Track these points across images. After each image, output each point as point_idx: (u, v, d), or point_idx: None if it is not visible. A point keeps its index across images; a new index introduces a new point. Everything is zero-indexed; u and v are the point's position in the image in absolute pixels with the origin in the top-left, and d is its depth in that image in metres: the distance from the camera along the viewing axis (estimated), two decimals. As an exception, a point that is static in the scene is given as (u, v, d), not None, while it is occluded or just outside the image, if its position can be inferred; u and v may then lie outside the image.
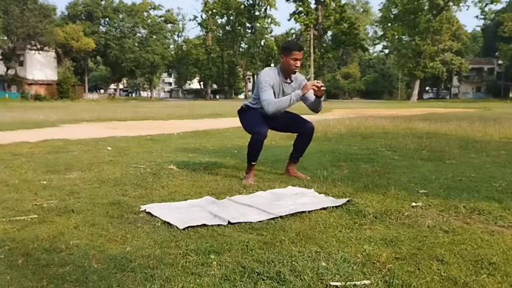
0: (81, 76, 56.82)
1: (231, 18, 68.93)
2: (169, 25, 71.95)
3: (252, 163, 3.79)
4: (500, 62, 65.57)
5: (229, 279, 1.77)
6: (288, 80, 3.79)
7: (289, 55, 3.68)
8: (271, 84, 3.69)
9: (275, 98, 3.70)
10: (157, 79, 79.54)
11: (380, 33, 68.24)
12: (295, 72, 3.78)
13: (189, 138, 7.39)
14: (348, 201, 2.97)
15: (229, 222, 2.51)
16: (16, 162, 4.72)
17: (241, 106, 3.97)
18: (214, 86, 78.82)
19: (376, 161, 4.75)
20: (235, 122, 4.07)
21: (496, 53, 62.57)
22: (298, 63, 3.72)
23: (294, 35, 69.01)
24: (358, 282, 1.74)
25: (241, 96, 78.30)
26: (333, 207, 2.84)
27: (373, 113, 16.90)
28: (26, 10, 42.27)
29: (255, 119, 3.79)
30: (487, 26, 69.71)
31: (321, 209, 2.80)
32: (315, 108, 3.88)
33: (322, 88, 3.67)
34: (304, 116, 4.10)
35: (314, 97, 3.78)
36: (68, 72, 50.67)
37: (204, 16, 70.10)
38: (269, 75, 3.73)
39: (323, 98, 3.83)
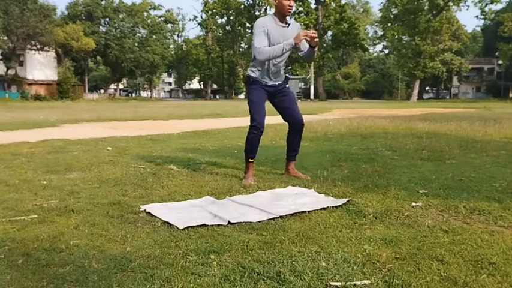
0: (81, 76, 56.82)
1: (231, 18, 68.88)
2: (169, 25, 71.95)
3: (250, 160, 3.80)
4: (500, 62, 65.58)
5: (229, 279, 1.77)
6: (284, 24, 3.74)
7: None
8: (265, 31, 3.64)
9: (274, 43, 3.63)
10: (157, 79, 79.56)
11: (380, 33, 68.27)
12: (289, 14, 3.74)
13: (189, 138, 7.39)
14: (348, 201, 2.97)
15: (229, 222, 2.51)
16: (16, 162, 4.72)
17: (247, 75, 3.90)
18: (214, 86, 78.83)
19: (376, 161, 4.75)
20: (235, 122, 4.07)
21: (496, 53, 62.59)
22: (292, 3, 3.69)
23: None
24: (358, 282, 1.74)
25: (241, 96, 78.27)
26: (333, 207, 2.84)
27: (373, 113, 16.90)
28: (26, 10, 42.26)
29: (258, 103, 3.78)
30: (487, 26, 69.72)
31: (321, 209, 2.80)
32: (308, 58, 3.88)
33: (315, 39, 3.63)
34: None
35: (307, 47, 3.75)
36: (68, 72, 50.67)
37: (204, 16, 70.10)
38: (263, 21, 3.70)
39: (316, 48, 3.80)
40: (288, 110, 3.96)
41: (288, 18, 3.77)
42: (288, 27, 3.75)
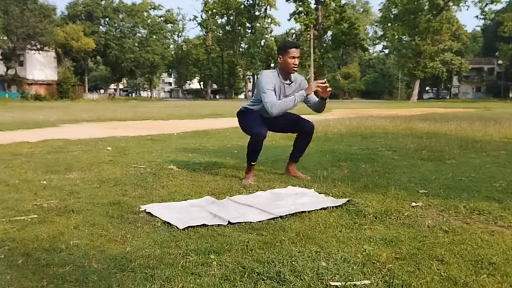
0: (81, 76, 56.82)
1: (231, 18, 68.94)
2: (169, 25, 71.96)
3: (252, 163, 3.78)
4: (500, 62, 65.58)
5: (229, 279, 1.77)
6: (288, 81, 3.76)
7: (287, 54, 3.66)
8: (272, 86, 3.65)
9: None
10: (157, 79, 79.56)
11: (380, 33, 68.29)
12: (294, 72, 3.75)
13: (189, 138, 7.39)
14: (348, 201, 2.97)
15: (229, 222, 2.51)
16: (16, 162, 4.72)
17: (240, 109, 3.92)
18: (214, 86, 78.83)
19: (376, 161, 4.75)
20: (235, 122, 4.06)
21: (496, 53, 62.58)
22: (297, 61, 3.69)
23: (294, 35, 69.07)
24: (358, 282, 1.74)
25: (241, 96, 78.30)
26: (333, 207, 2.84)
27: (373, 113, 16.90)
28: (26, 10, 42.26)
29: (255, 120, 3.76)
30: (487, 26, 69.70)
31: (321, 209, 2.80)
32: (319, 109, 3.86)
33: (328, 89, 3.62)
34: (304, 116, 4.09)
35: (317, 99, 3.75)
36: (68, 72, 50.68)
37: (204, 16, 70.14)
38: (269, 77, 3.69)
39: (327, 100, 3.77)
40: (293, 124, 3.94)
41: (291, 75, 3.77)
42: (290, 84, 3.76)
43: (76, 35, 51.70)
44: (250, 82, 75.91)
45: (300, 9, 56.62)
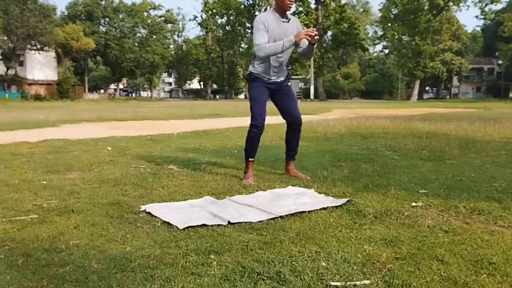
0: (81, 76, 56.82)
1: (231, 18, 68.87)
2: (169, 25, 71.97)
3: (250, 159, 3.81)
4: (500, 62, 65.58)
5: (229, 279, 1.77)
6: (285, 19, 3.75)
7: None
8: (266, 28, 3.63)
9: (275, 39, 3.64)
10: (157, 79, 79.58)
11: (380, 33, 68.24)
12: (289, 9, 3.74)
13: (189, 138, 7.39)
14: (348, 201, 2.97)
15: (229, 222, 2.51)
16: (16, 162, 4.72)
17: (249, 71, 3.89)
18: (214, 86, 78.82)
19: (376, 161, 4.75)
20: (235, 122, 4.07)
21: (496, 53, 62.58)
22: None
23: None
24: (358, 282, 1.74)
25: (241, 96, 78.27)
26: (333, 207, 2.84)
27: (373, 113, 16.90)
28: (26, 10, 42.26)
29: (257, 99, 3.78)
30: (487, 26, 69.71)
31: (321, 209, 2.80)
32: (307, 54, 3.91)
33: (316, 37, 3.65)
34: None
35: (307, 43, 3.75)
36: (68, 72, 50.68)
37: (204, 16, 70.10)
38: (263, 18, 3.70)
39: (316, 45, 3.83)
40: (287, 107, 3.96)
41: (288, 13, 3.78)
42: (288, 22, 3.76)
43: (76, 35, 51.69)
44: (250, 82, 75.65)
45: (300, 9, 56.57)
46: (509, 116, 14.15)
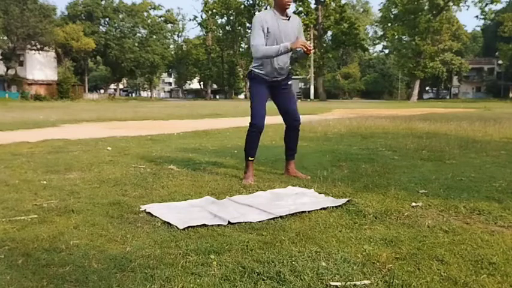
0: (81, 76, 56.81)
1: (231, 18, 68.90)
2: (169, 25, 71.98)
3: (250, 159, 3.81)
4: (500, 62, 65.58)
5: (229, 279, 1.77)
6: (285, 17, 3.75)
7: None
8: (264, 28, 3.64)
9: (276, 37, 3.66)
10: (157, 79, 79.59)
11: (380, 33, 68.23)
12: (288, 7, 3.74)
13: (189, 138, 7.39)
14: (348, 201, 2.97)
15: (229, 222, 2.51)
16: (16, 162, 4.72)
17: (250, 70, 3.91)
18: (214, 86, 78.84)
19: (376, 161, 4.75)
20: (235, 122, 4.07)
21: (496, 53, 62.57)
22: None
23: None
24: (358, 282, 1.74)
25: (241, 96, 78.27)
26: (333, 207, 2.84)
27: (373, 113, 16.89)
28: (26, 10, 42.25)
29: (258, 98, 3.80)
30: (487, 26, 69.70)
31: (321, 209, 2.80)
32: (300, 59, 3.99)
33: (311, 50, 3.66)
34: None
35: (301, 52, 3.75)
36: (68, 72, 50.68)
37: (204, 16, 70.14)
38: (262, 17, 3.71)
39: (310, 55, 3.87)
40: (286, 106, 3.97)
41: (288, 11, 3.78)
42: (288, 20, 3.76)
43: (76, 35, 51.68)
44: (250, 82, 75.70)
45: (300, 9, 56.54)
46: (509, 116, 14.15)
